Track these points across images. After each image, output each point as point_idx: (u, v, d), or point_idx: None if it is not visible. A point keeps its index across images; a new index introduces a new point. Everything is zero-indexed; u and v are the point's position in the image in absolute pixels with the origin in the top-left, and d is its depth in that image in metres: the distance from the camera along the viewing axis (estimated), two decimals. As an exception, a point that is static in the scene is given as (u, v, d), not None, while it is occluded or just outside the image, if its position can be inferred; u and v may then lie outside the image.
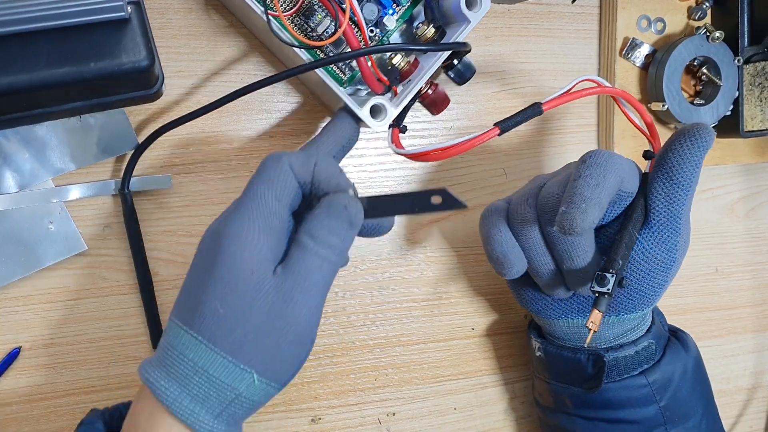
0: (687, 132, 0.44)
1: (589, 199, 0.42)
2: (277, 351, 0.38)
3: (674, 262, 0.47)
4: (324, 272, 0.38)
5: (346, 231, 0.38)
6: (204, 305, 0.36)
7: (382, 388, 0.57)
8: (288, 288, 0.37)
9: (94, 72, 0.35)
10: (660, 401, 0.50)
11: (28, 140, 0.47)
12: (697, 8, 0.60)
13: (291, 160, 0.39)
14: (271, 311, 0.37)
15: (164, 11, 0.50)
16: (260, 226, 0.37)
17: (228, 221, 0.37)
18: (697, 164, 0.44)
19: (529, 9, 0.59)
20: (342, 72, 0.50)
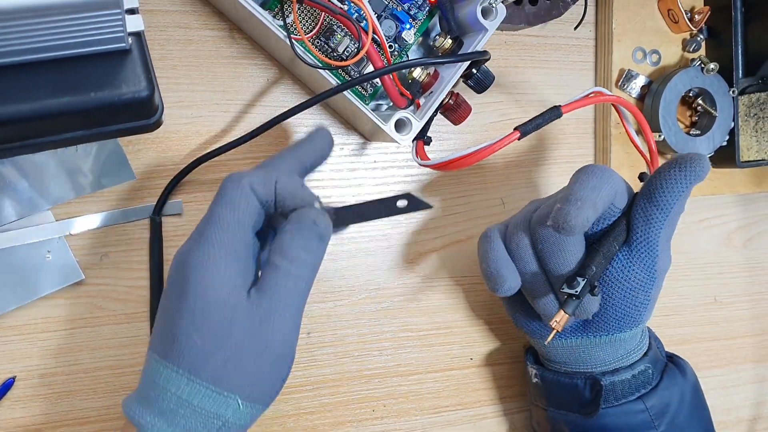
0: (678, 159, 0.45)
1: (584, 199, 0.43)
2: (260, 373, 0.37)
3: (653, 283, 0.47)
4: (299, 290, 0.38)
5: (317, 246, 0.38)
6: (180, 338, 0.36)
7: (381, 418, 0.57)
8: (264, 310, 0.37)
9: (94, 102, 0.35)
10: (658, 427, 0.49)
11: (27, 169, 0.47)
12: (692, 40, 0.61)
13: (251, 181, 0.38)
14: (250, 335, 0.36)
15: (164, 42, 0.50)
16: (225, 254, 0.37)
17: (192, 250, 0.37)
18: (680, 191, 0.44)
19: (525, 41, 0.60)
20: (364, 89, 0.51)
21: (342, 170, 0.55)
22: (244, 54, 0.52)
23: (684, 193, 0.45)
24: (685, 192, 0.45)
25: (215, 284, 0.36)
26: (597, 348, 0.49)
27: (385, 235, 0.56)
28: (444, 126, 0.57)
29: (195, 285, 0.36)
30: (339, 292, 0.55)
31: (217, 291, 0.36)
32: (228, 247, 0.37)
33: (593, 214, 0.43)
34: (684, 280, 0.66)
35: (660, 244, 0.46)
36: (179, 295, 0.37)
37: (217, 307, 0.36)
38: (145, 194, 0.50)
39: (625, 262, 0.47)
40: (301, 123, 0.54)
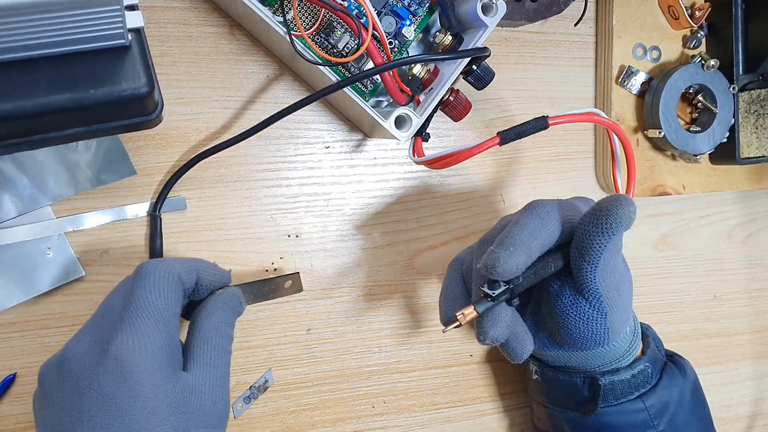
0: (598, 211, 0.43)
1: (518, 244, 0.42)
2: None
3: (604, 317, 0.46)
4: (227, 360, 0.42)
5: (234, 320, 0.44)
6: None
7: (380, 415, 0.57)
8: (202, 384, 0.40)
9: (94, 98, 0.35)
10: (658, 426, 0.50)
11: (27, 166, 0.47)
12: (692, 37, 0.61)
13: (178, 270, 0.41)
14: (198, 410, 0.39)
15: (164, 39, 0.50)
16: (161, 341, 0.39)
17: (127, 339, 0.37)
18: (602, 244, 0.43)
19: (526, 37, 0.60)
20: (363, 85, 0.51)
21: (342, 167, 0.55)
22: (244, 50, 0.52)
23: (607, 245, 0.43)
24: (609, 243, 0.43)
25: (160, 372, 0.38)
26: (580, 358, 0.49)
27: (386, 232, 0.56)
28: (444, 122, 0.57)
29: (143, 379, 0.37)
30: (339, 289, 0.55)
31: (158, 380, 0.37)
32: (164, 333, 0.39)
33: (525, 260, 0.42)
34: (684, 276, 0.66)
35: (601, 286, 0.45)
36: (119, 391, 0.37)
37: (163, 397, 0.37)
38: (145, 191, 0.50)
39: (573, 300, 0.46)
40: (302, 120, 0.54)
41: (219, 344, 0.42)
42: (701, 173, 0.64)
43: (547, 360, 0.52)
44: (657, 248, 0.65)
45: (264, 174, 0.53)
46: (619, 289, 0.46)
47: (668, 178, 0.62)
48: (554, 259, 0.45)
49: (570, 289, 0.46)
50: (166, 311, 0.39)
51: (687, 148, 0.60)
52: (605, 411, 0.50)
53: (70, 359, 0.38)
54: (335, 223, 0.55)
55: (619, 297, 0.46)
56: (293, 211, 0.54)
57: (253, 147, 0.53)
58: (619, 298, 0.46)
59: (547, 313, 0.48)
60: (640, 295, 0.65)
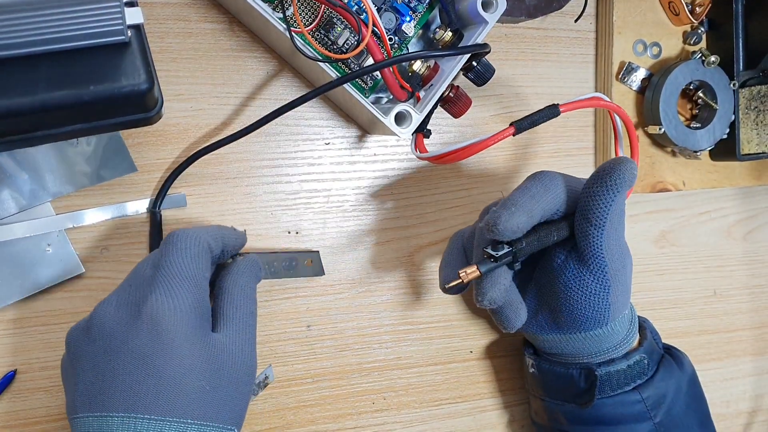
0: (600, 172, 0.45)
1: (519, 205, 0.44)
2: (243, 405, 0.42)
3: (608, 289, 0.47)
4: (255, 322, 0.44)
5: (256, 286, 0.46)
6: (185, 387, 0.38)
7: (380, 411, 0.57)
8: (231, 343, 0.41)
9: (93, 95, 0.35)
10: (654, 417, 0.50)
11: (27, 162, 0.47)
12: (693, 33, 0.61)
13: (207, 239, 0.43)
14: (231, 370, 0.40)
15: (164, 35, 0.50)
16: (196, 302, 0.40)
17: (161, 299, 0.39)
18: (608, 204, 0.44)
19: (526, 33, 0.60)
20: (364, 82, 0.51)
21: (342, 163, 0.55)
22: (244, 47, 0.52)
23: (612, 204, 0.44)
24: (614, 202, 0.44)
25: (190, 334, 0.39)
26: (577, 343, 0.50)
27: (385, 228, 0.56)
28: (444, 119, 0.57)
29: (175, 336, 0.38)
30: (339, 285, 0.55)
31: (192, 339, 0.39)
32: (195, 295, 0.40)
33: (527, 221, 0.44)
34: (684, 273, 0.66)
35: (606, 254, 0.46)
36: (155, 345, 0.38)
37: (198, 354, 0.39)
38: (145, 188, 0.50)
39: (577, 272, 0.47)
40: (302, 116, 0.54)
41: (247, 307, 0.43)
42: (701, 169, 0.64)
43: (544, 347, 0.53)
44: (657, 244, 0.65)
45: (264, 171, 0.53)
46: (624, 262, 0.47)
47: (668, 174, 0.62)
48: (558, 228, 0.46)
49: (574, 261, 0.47)
50: (198, 275, 0.41)
51: (687, 145, 0.59)
52: (602, 402, 0.50)
53: (101, 321, 0.39)
54: (335, 219, 0.55)
55: (623, 271, 0.47)
56: (293, 208, 0.54)
57: (253, 143, 0.53)
58: (622, 272, 0.47)
59: (549, 289, 0.49)
60: (641, 292, 0.65)
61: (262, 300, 0.53)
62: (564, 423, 0.53)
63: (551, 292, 0.49)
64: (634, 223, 0.64)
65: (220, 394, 0.39)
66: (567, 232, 0.47)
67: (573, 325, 0.49)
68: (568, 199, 0.46)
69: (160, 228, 0.50)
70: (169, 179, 0.50)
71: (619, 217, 0.46)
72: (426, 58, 0.48)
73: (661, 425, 0.50)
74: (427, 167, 0.57)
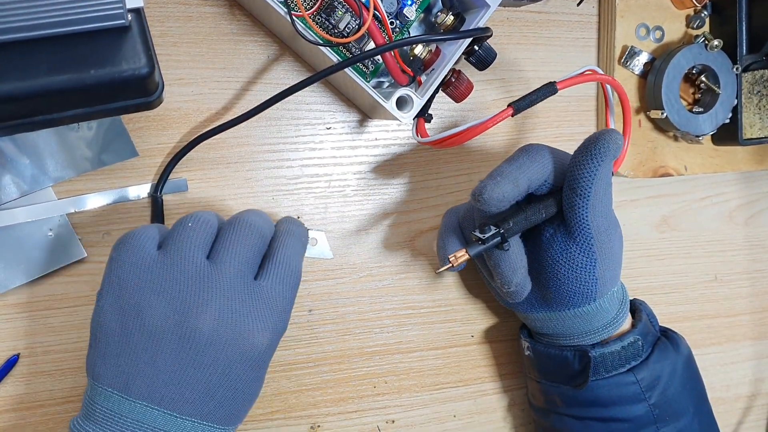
0: (585, 143, 0.46)
1: (504, 174, 0.45)
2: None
3: (594, 263, 0.47)
4: (298, 282, 0.45)
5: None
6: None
7: (382, 395, 0.57)
8: (270, 291, 0.43)
9: (94, 79, 0.35)
10: (649, 399, 0.50)
11: (28, 147, 0.47)
12: (696, 17, 0.61)
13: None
14: (266, 311, 0.43)
15: (164, 19, 0.50)
16: (255, 255, 0.44)
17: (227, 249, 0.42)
18: (593, 174, 0.45)
19: (528, 18, 0.59)
20: (365, 66, 0.51)
21: (343, 148, 0.55)
22: (245, 31, 0.52)
23: (597, 173, 0.45)
24: (599, 172, 0.45)
25: (238, 279, 0.42)
26: (567, 321, 0.50)
27: (387, 213, 0.56)
28: (446, 103, 0.56)
29: (225, 278, 0.42)
30: (340, 270, 0.55)
31: (239, 283, 0.42)
32: (256, 249, 0.44)
33: (512, 190, 0.44)
34: (685, 257, 0.66)
35: (592, 225, 0.46)
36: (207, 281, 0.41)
37: (238, 292, 0.42)
38: (146, 172, 0.50)
39: (564, 245, 0.47)
40: (303, 101, 0.54)
41: (294, 267, 0.44)
42: (703, 154, 0.63)
43: (536, 326, 0.53)
44: (658, 229, 0.65)
45: (265, 155, 0.53)
46: (610, 235, 0.47)
47: (670, 159, 0.62)
48: (546, 205, 0.47)
49: (562, 235, 0.47)
50: (266, 230, 0.44)
51: (689, 129, 0.59)
52: (596, 384, 0.50)
53: (184, 256, 0.41)
54: (336, 204, 0.55)
55: (609, 244, 0.47)
56: (294, 193, 0.54)
57: (254, 128, 0.53)
58: (609, 245, 0.47)
59: (538, 264, 0.49)
60: (641, 276, 0.65)
61: (264, 284, 0.53)
62: (560, 405, 0.53)
63: (540, 268, 0.49)
64: (635, 207, 0.64)
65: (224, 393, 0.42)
66: (555, 209, 0.47)
67: (561, 301, 0.49)
68: (555, 171, 0.47)
69: (162, 212, 0.50)
70: (170, 164, 0.50)
71: (606, 189, 0.46)
72: (427, 42, 0.48)
73: (656, 406, 0.50)
74: (429, 152, 0.57)
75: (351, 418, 0.56)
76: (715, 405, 0.55)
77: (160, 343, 0.39)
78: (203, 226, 0.42)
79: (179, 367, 0.39)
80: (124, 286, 0.40)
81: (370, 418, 0.57)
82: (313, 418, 0.55)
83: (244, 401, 0.43)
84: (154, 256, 0.41)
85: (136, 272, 0.40)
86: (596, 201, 0.46)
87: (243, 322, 0.40)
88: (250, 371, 0.42)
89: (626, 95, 0.50)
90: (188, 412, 0.40)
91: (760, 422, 0.70)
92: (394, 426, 0.57)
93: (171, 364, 0.39)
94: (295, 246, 0.45)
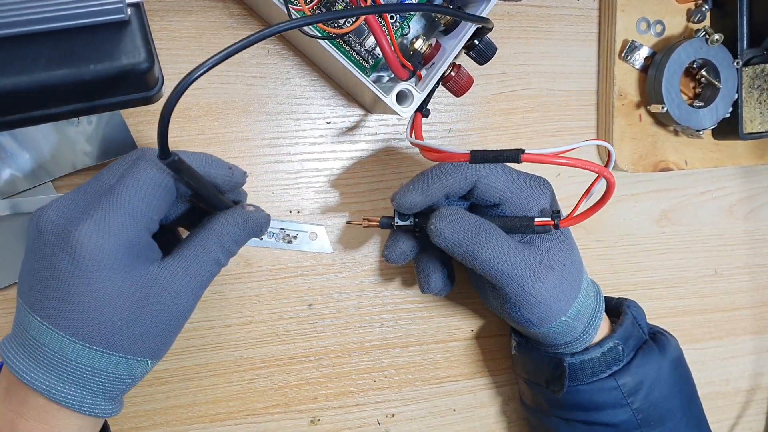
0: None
1: (418, 184, 0.47)
2: (167, 341, 0.41)
3: (520, 309, 0.47)
4: (213, 272, 0.42)
5: (245, 242, 0.44)
6: (101, 319, 0.37)
7: (382, 389, 0.57)
8: (169, 280, 0.39)
9: (93, 74, 0.35)
10: (632, 404, 0.50)
11: (28, 142, 0.47)
12: (697, 11, 0.60)
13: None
14: (158, 309, 0.39)
15: (164, 13, 0.50)
16: (130, 240, 0.38)
17: (93, 229, 0.37)
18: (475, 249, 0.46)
19: (528, 11, 0.59)
20: (365, 60, 0.51)
21: (343, 142, 0.55)
22: (244, 25, 0.51)
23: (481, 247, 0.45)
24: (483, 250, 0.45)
25: (113, 270, 0.38)
26: (538, 335, 0.49)
27: (387, 207, 0.56)
28: (446, 97, 0.56)
29: (94, 269, 0.37)
30: (340, 264, 0.56)
31: (114, 275, 0.38)
32: (133, 235, 0.38)
33: (421, 199, 0.47)
34: (685, 252, 0.66)
35: (504, 275, 0.46)
36: (74, 274, 0.37)
37: (117, 289, 0.38)
38: (147, 166, 0.50)
39: (491, 288, 0.49)
40: (303, 95, 0.54)
41: (212, 251, 0.40)
42: (704, 149, 0.63)
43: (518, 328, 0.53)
44: (658, 224, 0.65)
45: (265, 150, 0.53)
46: (537, 272, 0.46)
47: (670, 153, 0.62)
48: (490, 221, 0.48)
49: (484, 278, 0.48)
50: (144, 214, 0.38)
51: (690, 124, 0.59)
52: (578, 389, 0.50)
53: (43, 224, 0.38)
54: (336, 198, 0.55)
55: (538, 280, 0.46)
56: (294, 187, 0.54)
57: (254, 123, 0.53)
58: (537, 281, 0.46)
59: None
60: (642, 270, 0.65)
61: (264, 279, 0.54)
62: (545, 407, 0.53)
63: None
64: (636, 202, 0.64)
65: (136, 328, 0.38)
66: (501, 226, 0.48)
67: (517, 325, 0.50)
68: (484, 185, 0.47)
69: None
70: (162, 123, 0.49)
71: (505, 238, 0.46)
72: (423, 12, 0.48)
73: (639, 411, 0.50)
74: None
75: (351, 412, 0.56)
76: (715, 399, 0.55)
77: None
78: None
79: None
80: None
81: (370, 411, 0.57)
82: (313, 412, 0.56)
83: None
84: None
85: None
86: (496, 250, 0.45)
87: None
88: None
89: (614, 188, 0.44)
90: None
91: (759, 416, 0.70)
92: (394, 420, 0.58)
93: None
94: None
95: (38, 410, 0.38)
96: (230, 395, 0.54)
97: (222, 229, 0.41)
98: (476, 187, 0.47)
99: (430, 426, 0.59)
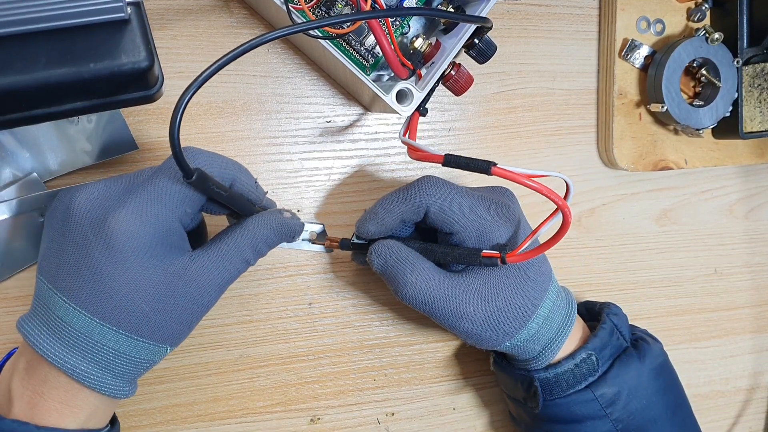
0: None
1: (373, 213, 0.48)
2: (185, 330, 0.42)
3: (468, 335, 0.47)
4: (241, 269, 0.42)
5: (275, 245, 0.45)
6: (129, 305, 0.38)
7: (381, 388, 0.57)
8: (198, 272, 0.40)
9: (93, 72, 0.35)
10: (611, 415, 0.49)
11: (28, 141, 0.47)
12: (697, 10, 0.60)
13: (220, 170, 0.42)
14: (183, 296, 0.40)
15: (164, 12, 0.50)
16: (167, 230, 0.40)
17: (128, 218, 0.38)
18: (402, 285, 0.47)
19: (528, 10, 0.59)
20: (365, 59, 0.51)
21: (343, 141, 0.55)
22: (244, 24, 0.51)
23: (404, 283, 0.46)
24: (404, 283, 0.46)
25: (145, 258, 0.39)
26: (507, 349, 0.49)
27: (387, 206, 0.56)
28: (446, 97, 0.56)
29: (127, 256, 0.38)
30: (340, 263, 0.56)
31: (146, 263, 0.39)
32: (166, 226, 0.40)
33: (377, 230, 0.48)
34: (684, 251, 0.67)
35: (436, 306, 0.46)
36: (107, 260, 0.38)
37: (148, 276, 0.39)
38: (146, 165, 0.50)
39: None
40: (302, 94, 0.54)
41: (243, 250, 0.41)
42: (704, 148, 0.63)
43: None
44: (658, 223, 0.65)
45: (265, 149, 0.53)
46: (469, 305, 0.46)
47: (670, 152, 0.62)
48: (447, 251, 0.47)
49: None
50: (178, 208, 0.39)
51: (690, 123, 0.59)
52: (555, 402, 0.50)
53: (78, 208, 0.39)
54: (336, 197, 0.55)
55: (456, 324, 0.47)
56: (294, 186, 0.54)
57: (254, 122, 0.53)
58: (455, 324, 0.47)
59: None
60: (642, 269, 0.65)
61: (264, 278, 0.54)
62: (528, 420, 0.53)
63: None
64: (636, 201, 0.64)
65: (162, 316, 0.39)
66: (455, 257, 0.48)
67: (483, 342, 0.49)
68: (434, 214, 0.46)
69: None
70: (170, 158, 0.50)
71: (423, 265, 0.47)
72: (424, 15, 0.48)
73: (619, 421, 0.49)
74: (428, 142, 0.57)
75: (351, 411, 0.56)
76: (715, 398, 0.55)
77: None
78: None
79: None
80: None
81: (370, 410, 0.57)
82: (313, 411, 0.56)
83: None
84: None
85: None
86: (419, 283, 0.46)
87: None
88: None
89: (569, 225, 0.42)
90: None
91: (759, 415, 0.71)
92: (394, 418, 0.58)
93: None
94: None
95: (59, 389, 0.39)
96: (230, 394, 0.54)
97: (257, 231, 0.42)
98: (427, 215, 0.47)
99: (430, 425, 0.59)
